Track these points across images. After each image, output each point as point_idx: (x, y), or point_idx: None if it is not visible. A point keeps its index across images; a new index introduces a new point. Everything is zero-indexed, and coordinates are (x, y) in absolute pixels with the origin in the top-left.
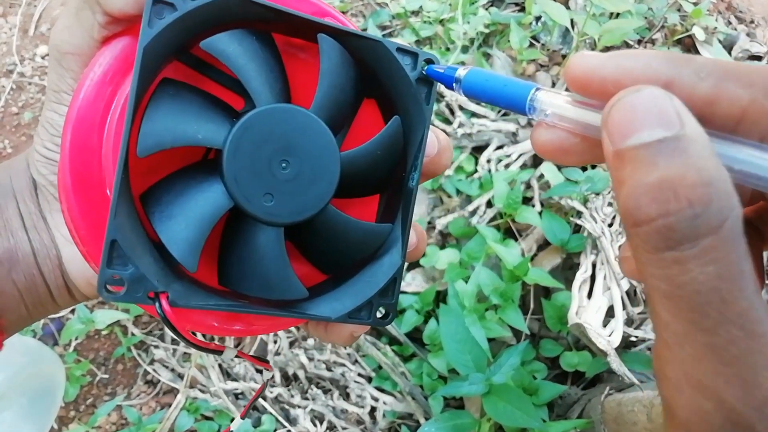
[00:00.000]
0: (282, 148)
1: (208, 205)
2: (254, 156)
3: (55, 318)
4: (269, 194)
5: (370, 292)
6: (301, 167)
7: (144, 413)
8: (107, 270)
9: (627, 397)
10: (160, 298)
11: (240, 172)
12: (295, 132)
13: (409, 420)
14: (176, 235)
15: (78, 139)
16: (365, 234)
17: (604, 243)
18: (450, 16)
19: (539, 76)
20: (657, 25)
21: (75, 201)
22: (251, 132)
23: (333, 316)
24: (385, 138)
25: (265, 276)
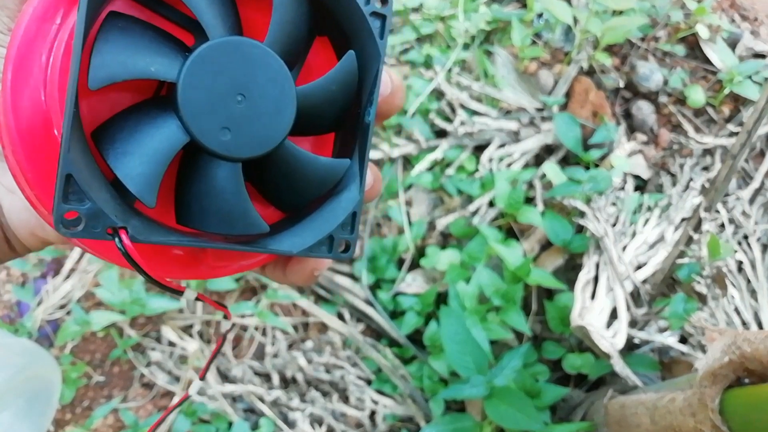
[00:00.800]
0: (237, 81)
1: (163, 139)
2: (209, 89)
3: (51, 320)
4: (226, 128)
5: (330, 226)
6: (257, 101)
7: (141, 416)
8: (63, 206)
9: (630, 399)
10: (120, 234)
11: (195, 106)
12: (250, 65)
13: (410, 423)
14: (132, 171)
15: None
16: (324, 169)
17: (607, 243)
18: (451, 14)
19: (541, 74)
20: (660, 22)
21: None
22: (205, 65)
23: (294, 250)
24: (340, 73)
25: (224, 212)
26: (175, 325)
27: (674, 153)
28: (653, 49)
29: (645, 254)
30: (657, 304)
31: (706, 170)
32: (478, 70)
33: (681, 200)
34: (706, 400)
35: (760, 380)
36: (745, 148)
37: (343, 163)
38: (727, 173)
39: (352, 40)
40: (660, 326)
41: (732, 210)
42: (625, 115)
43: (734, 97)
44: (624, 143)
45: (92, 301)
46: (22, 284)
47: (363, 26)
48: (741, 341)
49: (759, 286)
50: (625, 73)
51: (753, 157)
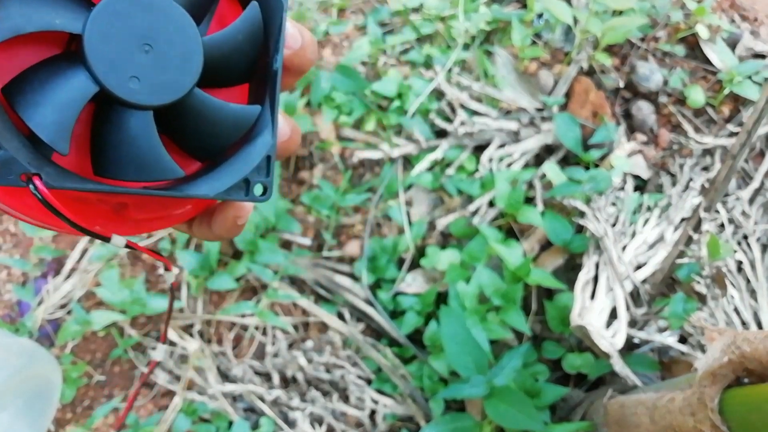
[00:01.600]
0: (143, 32)
1: (73, 89)
2: (115, 40)
3: (52, 319)
4: (135, 77)
5: (246, 169)
6: (164, 51)
7: (141, 415)
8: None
9: (630, 399)
10: (34, 180)
11: (102, 57)
12: (155, 17)
13: (410, 423)
14: (43, 119)
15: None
16: (234, 115)
17: (607, 243)
18: (451, 14)
19: (541, 75)
20: (660, 23)
21: None
22: (110, 17)
23: (211, 193)
24: (245, 23)
25: (138, 160)
26: (176, 324)
27: (674, 153)
28: (653, 50)
29: (645, 254)
30: (657, 304)
31: (705, 170)
32: (478, 70)
33: (681, 200)
34: (706, 399)
35: (760, 380)
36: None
37: (253, 109)
38: (727, 173)
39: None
40: (659, 326)
41: (732, 210)
42: (625, 115)
43: (734, 97)
44: (624, 143)
45: (93, 301)
46: (22, 284)
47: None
48: (740, 341)
49: (758, 286)
50: (625, 73)
51: (753, 157)
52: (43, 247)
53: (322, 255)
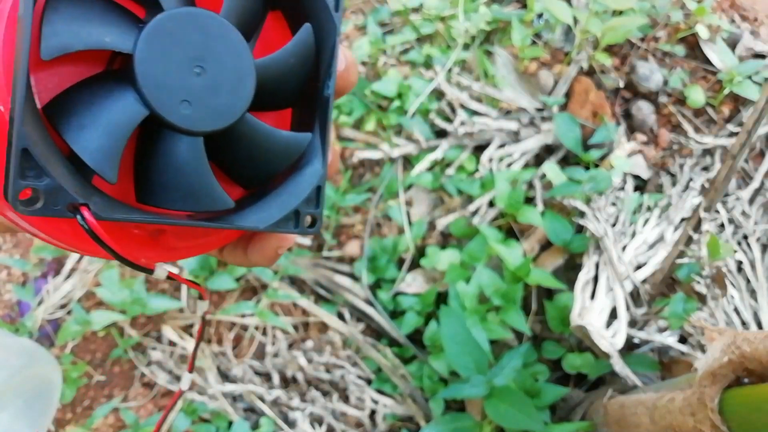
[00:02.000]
0: (195, 53)
1: (121, 112)
2: (167, 61)
3: (52, 319)
4: (186, 101)
5: (295, 201)
6: (216, 74)
7: (141, 416)
8: (20, 182)
9: (630, 399)
10: (81, 210)
11: (153, 79)
12: (207, 37)
13: (410, 423)
14: (90, 144)
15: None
16: (285, 143)
17: (607, 243)
18: (451, 14)
19: (541, 75)
20: (660, 23)
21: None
22: (161, 36)
23: (260, 225)
24: (298, 46)
25: (187, 188)
26: (176, 324)
27: (674, 153)
28: (653, 50)
29: (645, 254)
30: (657, 304)
31: (705, 170)
32: (478, 70)
33: (681, 200)
34: (706, 399)
35: (760, 380)
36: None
37: (304, 137)
38: (727, 173)
39: (308, 14)
40: (659, 326)
41: (732, 210)
42: (625, 115)
43: (734, 97)
44: (624, 143)
45: (93, 301)
46: (22, 284)
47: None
48: (740, 341)
49: (758, 286)
50: (625, 74)
51: (753, 157)
52: (43, 247)
53: (322, 255)
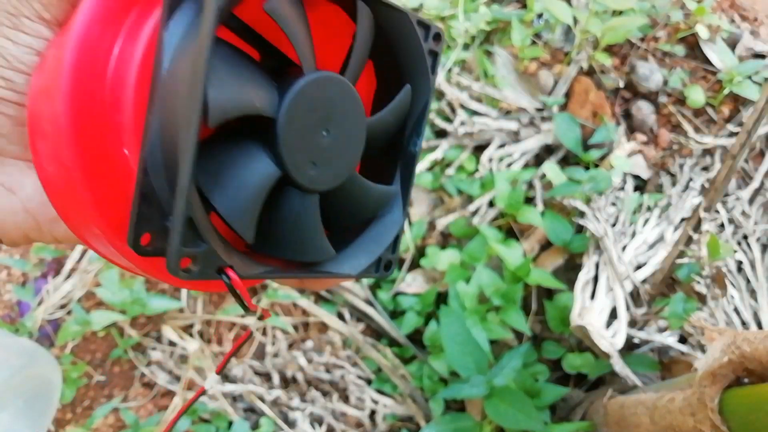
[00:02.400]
0: (324, 116)
1: (257, 174)
2: (302, 125)
3: (52, 320)
4: (313, 162)
5: (380, 249)
6: (339, 135)
7: (141, 416)
8: (183, 250)
9: (630, 399)
10: (227, 271)
11: (290, 142)
12: (336, 100)
13: (410, 423)
14: (233, 206)
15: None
16: (378, 196)
17: (607, 243)
18: (451, 14)
19: (541, 75)
20: (660, 22)
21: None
22: (302, 101)
23: (354, 272)
24: (398, 105)
25: (299, 239)
26: (176, 324)
27: (674, 153)
28: (653, 50)
29: (645, 254)
30: (656, 303)
31: (705, 170)
32: (478, 71)
33: (681, 200)
34: (706, 399)
35: (760, 380)
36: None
37: (393, 190)
38: (727, 173)
39: (406, 73)
40: (659, 326)
41: (731, 210)
42: (624, 115)
43: (734, 97)
44: (624, 143)
45: (93, 301)
46: (22, 284)
47: (420, 62)
48: (740, 341)
49: (758, 286)
50: (625, 74)
51: (753, 157)
52: (43, 247)
53: None
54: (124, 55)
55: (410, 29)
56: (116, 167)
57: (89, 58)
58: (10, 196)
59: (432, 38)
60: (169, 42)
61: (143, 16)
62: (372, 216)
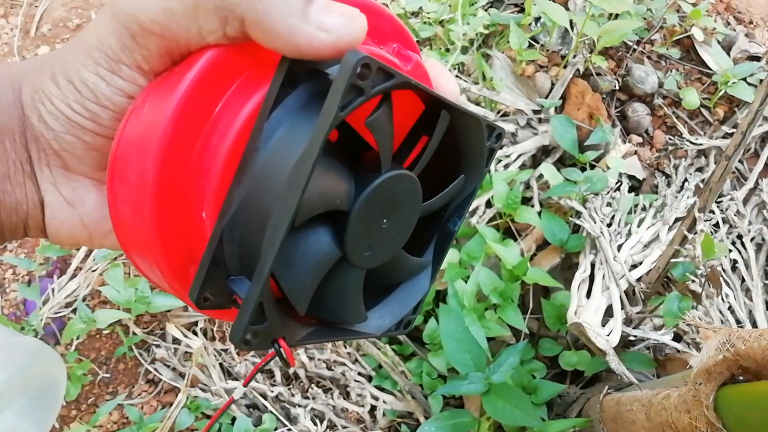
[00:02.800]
0: (389, 208)
1: (320, 254)
2: (369, 215)
3: (57, 318)
4: (369, 246)
5: (404, 311)
6: (396, 222)
7: (145, 412)
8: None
9: (626, 396)
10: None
11: (356, 232)
12: (402, 195)
13: (409, 419)
14: (296, 284)
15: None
16: (413, 267)
17: (602, 243)
18: (450, 17)
19: (538, 77)
20: (656, 25)
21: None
22: (375, 197)
23: (378, 333)
24: (449, 192)
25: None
26: (180, 322)
27: (669, 154)
28: (649, 52)
29: (640, 253)
30: (652, 302)
31: (700, 171)
32: (476, 73)
33: (676, 201)
34: (701, 397)
35: (755, 378)
36: (740, 149)
37: (424, 263)
38: (722, 174)
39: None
40: (655, 324)
41: (726, 210)
42: (620, 117)
43: (729, 98)
44: (619, 145)
45: (98, 299)
46: (28, 283)
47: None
48: (735, 339)
49: (753, 285)
50: (621, 76)
51: (747, 158)
52: (48, 246)
53: None
54: (220, 128)
55: (479, 132)
56: (191, 226)
57: (187, 124)
58: (71, 210)
59: (494, 137)
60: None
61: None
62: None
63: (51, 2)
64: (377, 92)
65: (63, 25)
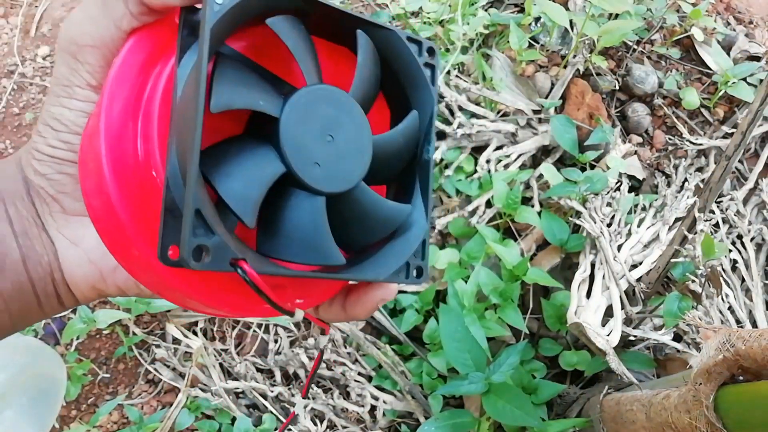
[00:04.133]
0: (327, 123)
1: (262, 168)
2: (304, 128)
3: (57, 318)
4: (317, 164)
5: (406, 253)
6: (343, 144)
7: (145, 412)
8: (193, 240)
9: (626, 396)
10: (241, 264)
11: (294, 141)
12: (338, 111)
13: (409, 419)
14: (235, 192)
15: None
16: (390, 212)
17: (602, 243)
18: (450, 17)
19: (538, 77)
20: (656, 25)
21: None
22: (302, 106)
23: (380, 277)
24: (407, 128)
25: (306, 242)
26: (180, 322)
27: (669, 154)
28: (649, 52)
29: (640, 253)
30: (652, 302)
31: (700, 171)
32: (476, 73)
33: (675, 201)
34: (701, 396)
35: (755, 378)
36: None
37: (405, 209)
38: (722, 174)
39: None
40: (655, 324)
41: (726, 210)
42: (620, 117)
43: (729, 98)
44: (619, 145)
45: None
46: None
47: (418, 76)
48: (735, 339)
49: (753, 285)
50: (621, 76)
51: (747, 158)
52: None
53: None
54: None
55: (402, 47)
56: (149, 191)
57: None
58: (76, 249)
59: (426, 52)
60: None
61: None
62: (385, 234)
63: (51, 2)
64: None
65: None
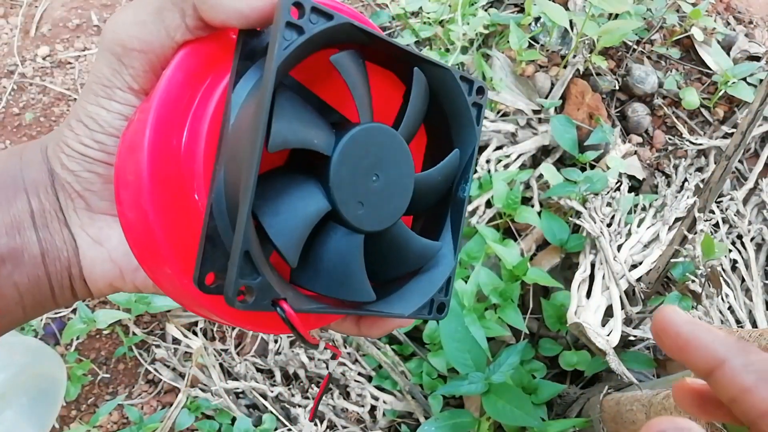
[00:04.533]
0: (375, 162)
1: (309, 205)
2: (354, 166)
3: (57, 317)
4: (360, 203)
5: (431, 290)
6: (387, 183)
7: (145, 412)
8: (239, 281)
9: (625, 396)
10: (281, 304)
11: (341, 180)
12: (387, 150)
13: (409, 419)
14: (282, 230)
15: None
16: (421, 249)
17: (602, 243)
18: (449, 17)
19: (538, 77)
20: (656, 25)
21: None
22: (355, 145)
23: (405, 313)
24: (447, 166)
25: (341, 277)
26: (179, 323)
27: (669, 154)
28: (648, 52)
29: (640, 253)
30: (652, 302)
31: (700, 171)
32: (476, 73)
33: (675, 201)
34: None
35: None
36: (740, 149)
37: (436, 246)
38: (722, 174)
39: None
40: None
41: (726, 210)
42: (620, 117)
43: (729, 98)
44: (619, 145)
45: (98, 300)
46: None
47: (465, 114)
48: None
49: (753, 285)
50: (621, 76)
51: (747, 158)
52: None
53: None
54: (199, 114)
55: (454, 85)
56: (188, 212)
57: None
58: (99, 248)
59: (475, 92)
60: (236, 101)
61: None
62: (413, 269)
63: (51, 2)
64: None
65: (63, 25)
